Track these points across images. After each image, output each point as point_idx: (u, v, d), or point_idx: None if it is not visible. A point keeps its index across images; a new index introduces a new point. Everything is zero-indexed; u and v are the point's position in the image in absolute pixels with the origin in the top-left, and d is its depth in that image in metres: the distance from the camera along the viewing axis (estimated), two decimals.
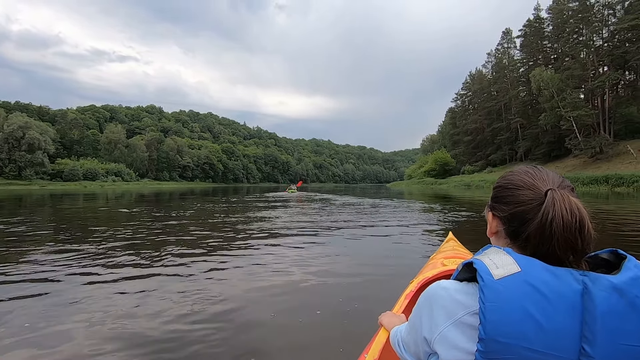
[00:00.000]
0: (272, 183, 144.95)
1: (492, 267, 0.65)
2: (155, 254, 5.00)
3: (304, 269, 4.23)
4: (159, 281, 3.75)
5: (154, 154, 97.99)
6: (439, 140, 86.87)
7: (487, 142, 59.62)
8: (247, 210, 12.77)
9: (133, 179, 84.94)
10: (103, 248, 5.45)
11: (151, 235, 6.85)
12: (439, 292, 0.72)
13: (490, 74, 61.90)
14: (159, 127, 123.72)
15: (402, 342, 0.89)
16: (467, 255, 2.31)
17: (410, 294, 1.73)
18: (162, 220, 9.61)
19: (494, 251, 0.70)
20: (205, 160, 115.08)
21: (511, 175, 0.77)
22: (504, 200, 0.76)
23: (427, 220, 9.51)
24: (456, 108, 74.27)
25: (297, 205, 15.69)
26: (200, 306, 2.99)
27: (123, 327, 2.59)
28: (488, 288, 0.62)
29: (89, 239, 6.27)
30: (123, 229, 7.54)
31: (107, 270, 4.17)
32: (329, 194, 29.64)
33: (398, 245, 5.93)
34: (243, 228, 7.85)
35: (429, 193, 30.70)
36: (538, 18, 49.68)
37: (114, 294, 3.32)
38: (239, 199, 21.57)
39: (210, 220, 9.64)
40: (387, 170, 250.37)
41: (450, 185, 51.17)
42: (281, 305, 3.04)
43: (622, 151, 32.36)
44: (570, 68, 37.04)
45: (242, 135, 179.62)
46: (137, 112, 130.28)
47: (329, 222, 9.09)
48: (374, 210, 12.76)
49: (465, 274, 0.71)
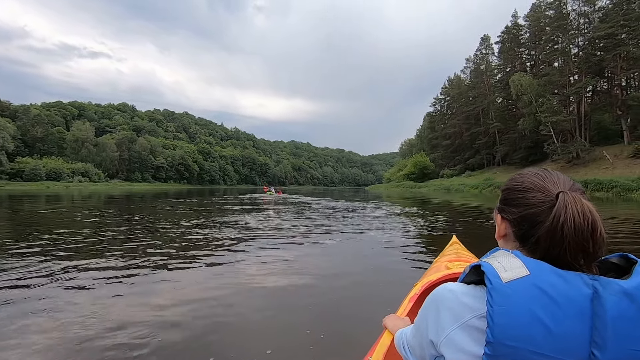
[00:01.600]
0: (249, 185, 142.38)
1: (500, 270, 0.64)
2: (123, 259, 4.77)
3: (279, 272, 4.16)
4: (124, 287, 3.59)
5: (125, 154, 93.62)
6: (418, 144, 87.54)
7: (465, 147, 60.19)
8: (223, 213, 12.32)
9: (102, 179, 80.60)
10: (63, 252, 5.11)
11: (119, 238, 6.55)
12: (446, 294, 0.71)
13: (469, 80, 62.68)
14: (131, 126, 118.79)
15: (407, 344, 0.89)
16: (471, 259, 2.28)
17: (415, 297, 1.74)
18: (132, 223, 9.15)
19: (502, 254, 0.69)
20: (180, 161, 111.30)
21: (521, 178, 0.76)
22: (513, 203, 0.75)
23: (413, 224, 9.41)
24: (435, 112, 75.00)
25: (274, 209, 15.10)
26: (166, 311, 2.90)
27: (86, 336, 2.45)
28: (496, 291, 0.62)
29: (47, 244, 5.79)
30: (88, 233, 7.21)
31: (65, 276, 3.93)
32: (307, 197, 29.02)
33: (384, 250, 5.79)
34: (216, 231, 7.55)
35: (410, 197, 30.70)
36: (516, 25, 50.53)
37: (74, 303, 3.10)
38: (215, 201, 20.97)
39: (182, 222, 9.23)
40: (365, 174, 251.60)
41: (430, 188, 51.18)
42: (255, 309, 3.00)
43: (598, 157, 32.93)
44: (548, 74, 37.58)
45: (220, 136, 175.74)
46: (107, 110, 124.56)
47: (308, 225, 8.87)
48: (356, 214, 12.40)
49: (473, 276, 0.70)
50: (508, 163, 48.95)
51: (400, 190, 57.31)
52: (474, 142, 57.38)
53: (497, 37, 53.48)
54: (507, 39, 51.66)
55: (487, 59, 57.95)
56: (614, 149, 32.80)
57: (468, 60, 63.29)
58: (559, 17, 39.55)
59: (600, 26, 33.49)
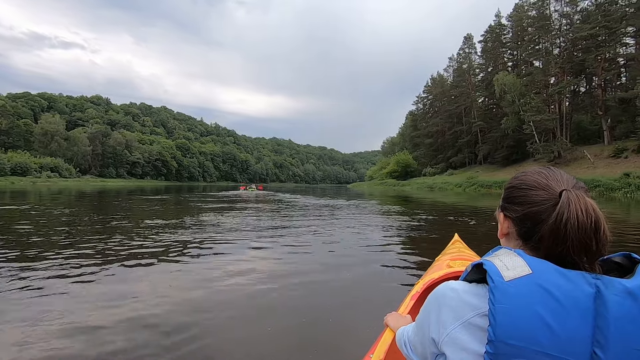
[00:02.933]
0: (229, 182, 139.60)
1: (502, 268, 0.65)
2: (96, 260, 4.52)
3: (258, 273, 4.02)
4: (97, 289, 3.40)
5: (99, 149, 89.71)
6: (400, 143, 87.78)
7: (448, 145, 60.49)
8: (202, 211, 11.87)
9: (73, 175, 76.79)
10: (21, 252, 4.87)
11: (89, 237, 6.24)
12: (447, 292, 0.72)
13: (452, 78, 62.97)
14: (105, 120, 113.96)
15: (409, 342, 0.89)
16: (472, 257, 2.28)
17: (416, 295, 1.74)
18: (102, 221, 8.74)
19: (504, 252, 0.69)
20: (157, 157, 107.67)
21: (524, 176, 0.76)
22: (516, 201, 0.75)
23: (401, 223, 9.24)
24: (417, 111, 75.26)
25: (256, 207, 14.52)
26: (137, 315, 2.76)
27: (49, 342, 2.33)
28: (498, 290, 0.62)
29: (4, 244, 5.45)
30: (54, 231, 6.91)
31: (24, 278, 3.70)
32: (290, 194, 28.40)
33: (371, 249, 5.63)
34: (193, 230, 7.20)
35: (394, 195, 30.50)
36: (499, 24, 50.86)
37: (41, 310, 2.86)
38: (193, 198, 20.10)
39: (156, 220, 8.80)
40: (347, 171, 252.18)
41: (413, 187, 50.99)
42: (234, 312, 2.91)
43: (579, 156, 33.35)
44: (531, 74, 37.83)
45: (199, 132, 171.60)
46: (80, 103, 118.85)
47: (293, 223, 8.67)
48: (342, 212, 12.15)
49: (475, 275, 0.71)
50: (490, 162, 49.32)
51: (383, 188, 56.98)
52: (457, 141, 57.68)
53: (481, 35, 53.79)
54: (490, 39, 52.00)
55: (469, 58, 58.29)
56: (595, 149, 33.30)
57: (451, 59, 63.64)
58: (542, 17, 39.91)
59: (582, 27, 33.82)
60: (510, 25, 48.47)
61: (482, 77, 54.76)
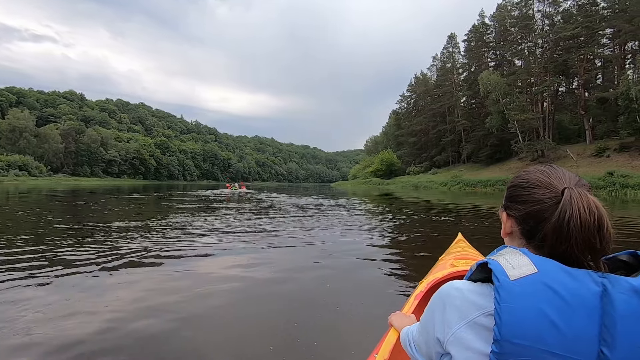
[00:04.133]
0: (211, 181, 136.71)
1: (507, 267, 0.64)
2: (62, 265, 4.15)
3: (240, 276, 3.90)
4: (68, 292, 3.26)
5: (72, 146, 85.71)
6: (383, 142, 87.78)
7: (431, 144, 60.67)
8: (179, 211, 11.42)
9: (44, 173, 73.00)
10: None
11: (57, 240, 5.79)
12: (452, 292, 0.71)
13: (435, 77, 63.15)
14: (79, 116, 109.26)
15: (413, 342, 0.89)
16: (476, 257, 2.27)
17: (420, 295, 1.74)
18: (74, 220, 8.41)
19: (509, 252, 0.69)
20: (135, 155, 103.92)
21: (526, 175, 0.76)
22: (519, 200, 0.75)
23: (389, 222, 9.17)
24: (401, 110, 75.34)
25: (238, 207, 14.04)
26: (114, 319, 2.67)
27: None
28: (504, 289, 0.62)
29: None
30: (24, 232, 6.63)
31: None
32: (275, 194, 27.67)
33: (358, 253, 5.30)
34: (169, 232, 6.83)
35: (378, 193, 30.18)
36: (483, 24, 51.16)
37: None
38: (172, 198, 19.58)
39: (134, 222, 8.26)
40: (330, 170, 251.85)
41: (398, 185, 50.77)
42: (217, 314, 2.85)
43: (562, 155, 33.68)
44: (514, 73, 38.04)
45: (179, 129, 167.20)
46: (52, 98, 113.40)
47: (271, 224, 8.32)
48: (329, 212, 11.82)
49: (480, 274, 0.70)
50: (473, 161, 49.61)
51: (367, 187, 56.59)
52: (440, 140, 57.86)
53: (465, 35, 54.00)
54: (473, 38, 52.28)
55: (453, 57, 58.53)
56: (577, 148, 33.73)
57: (435, 58, 63.78)
58: (525, 17, 40.25)
59: (564, 27, 34.15)
60: (494, 25, 48.81)
61: (466, 77, 55.05)
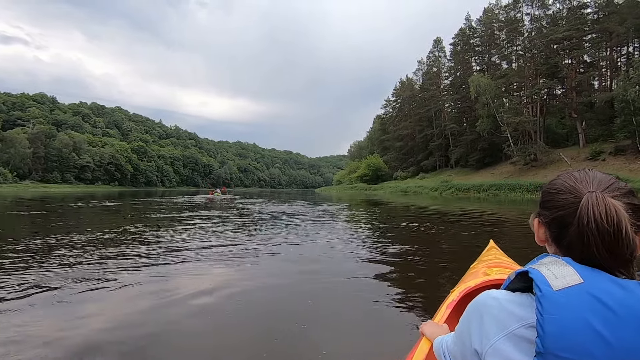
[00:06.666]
0: (191, 187, 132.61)
1: (550, 277, 0.62)
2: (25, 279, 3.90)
3: (224, 288, 3.68)
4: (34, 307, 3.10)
5: (41, 151, 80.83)
6: (368, 147, 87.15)
7: (418, 149, 59.91)
8: (155, 220, 10.76)
9: (9, 180, 68.29)
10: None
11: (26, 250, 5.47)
12: (489, 302, 0.69)
13: (421, 81, 62.74)
14: (50, 120, 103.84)
15: (448, 352, 0.87)
16: (510, 265, 2.19)
17: (452, 304, 1.70)
18: (42, 231, 7.88)
19: (551, 261, 0.67)
20: (110, 160, 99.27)
21: (555, 179, 0.75)
22: (545, 205, 0.73)
23: (383, 230, 8.81)
24: (386, 114, 74.86)
25: (220, 213, 13.50)
26: (87, 334, 2.56)
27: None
28: (547, 299, 0.60)
29: None
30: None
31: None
32: (256, 200, 26.47)
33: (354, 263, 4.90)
34: (144, 243, 6.30)
35: (365, 199, 29.09)
36: (471, 27, 50.94)
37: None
38: (149, 205, 18.49)
39: (108, 230, 7.89)
40: (312, 176, 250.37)
41: (386, 191, 49.50)
42: (196, 330, 2.68)
43: (555, 159, 33.12)
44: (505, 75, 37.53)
45: (157, 134, 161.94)
46: (20, 101, 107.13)
47: (265, 233, 8.02)
48: (317, 220, 11.14)
49: (518, 283, 0.68)
50: (462, 165, 48.96)
51: (354, 192, 55.20)
52: (428, 144, 57.10)
53: (452, 38, 53.68)
54: (460, 42, 52.01)
55: (439, 61, 58.20)
56: (570, 152, 33.24)
57: (420, 62, 63.39)
58: (514, 20, 40.01)
59: (556, 29, 33.87)
60: (480, 29, 48.61)
61: (452, 81, 54.69)
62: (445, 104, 54.86)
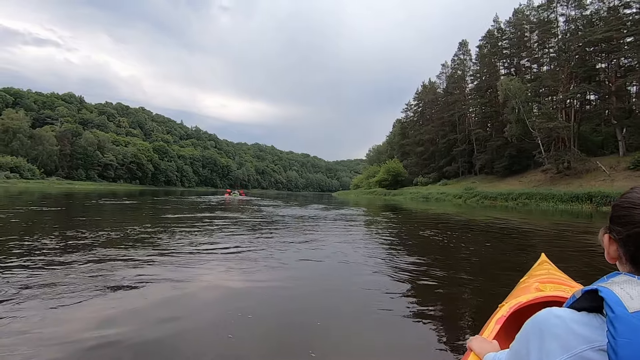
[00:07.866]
0: (209, 187, 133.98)
1: (625, 298, 0.57)
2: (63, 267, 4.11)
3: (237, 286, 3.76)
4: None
5: (67, 149, 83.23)
6: (387, 151, 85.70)
7: (440, 154, 58.18)
8: (174, 220, 10.53)
9: (37, 176, 70.44)
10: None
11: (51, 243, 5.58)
12: (552, 320, 0.64)
13: (444, 85, 61.19)
14: (77, 119, 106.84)
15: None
16: (565, 281, 2.04)
17: (502, 319, 1.64)
18: (66, 226, 8.10)
19: (625, 280, 0.61)
20: (132, 159, 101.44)
21: (630, 193, 0.69)
22: (619, 221, 0.68)
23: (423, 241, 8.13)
24: (406, 119, 73.50)
25: (239, 216, 13.04)
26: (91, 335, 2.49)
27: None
28: (620, 322, 0.55)
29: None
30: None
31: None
32: (272, 202, 25.85)
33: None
34: (162, 240, 6.33)
35: (384, 204, 28.14)
36: (499, 29, 49.18)
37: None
38: (169, 204, 18.30)
39: (124, 230, 7.52)
40: (329, 179, 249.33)
41: (406, 197, 48.13)
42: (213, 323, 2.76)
43: (591, 168, 31.13)
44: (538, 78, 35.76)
45: (178, 135, 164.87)
46: (50, 100, 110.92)
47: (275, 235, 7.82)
48: (348, 227, 10.45)
49: (585, 302, 0.63)
50: (486, 172, 47.13)
51: (372, 197, 53.95)
52: (451, 150, 55.28)
53: (479, 41, 51.98)
54: (487, 45, 50.31)
55: (464, 64, 56.56)
56: (609, 160, 31.18)
57: (444, 65, 61.85)
58: (547, 21, 38.23)
59: (594, 30, 31.98)
60: (510, 31, 46.83)
61: (478, 84, 52.96)
62: (469, 109, 53.13)
